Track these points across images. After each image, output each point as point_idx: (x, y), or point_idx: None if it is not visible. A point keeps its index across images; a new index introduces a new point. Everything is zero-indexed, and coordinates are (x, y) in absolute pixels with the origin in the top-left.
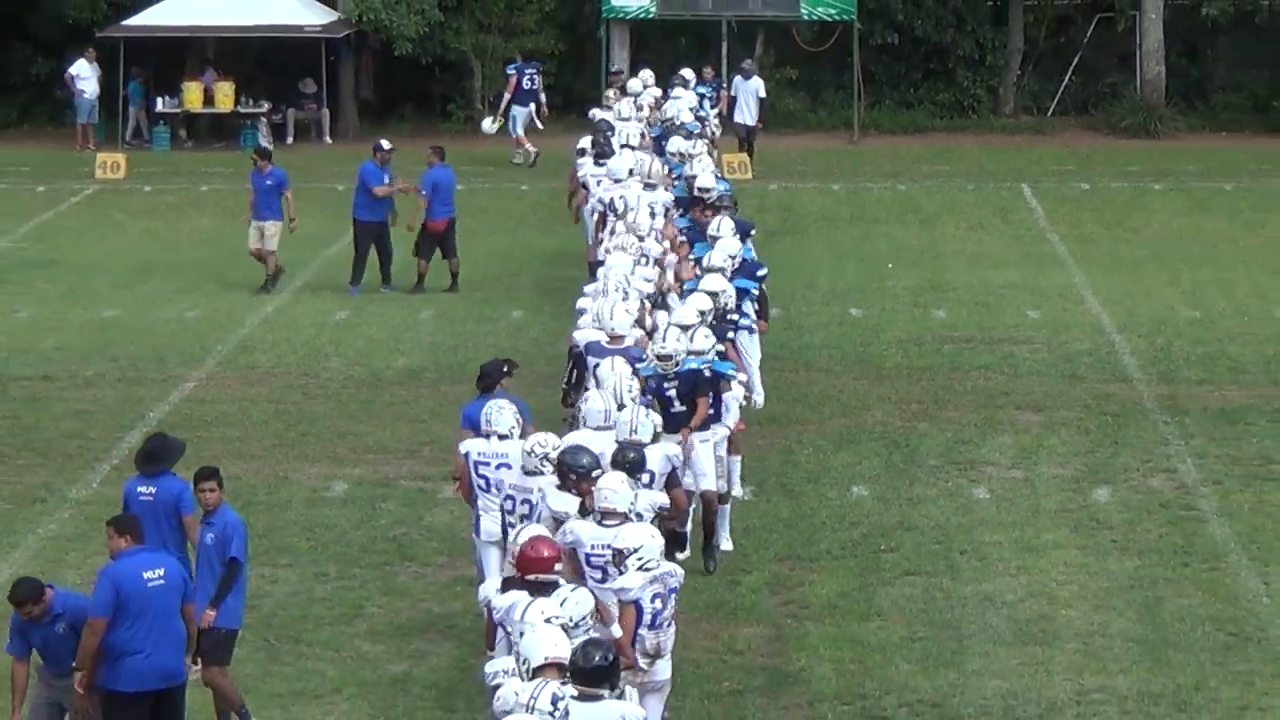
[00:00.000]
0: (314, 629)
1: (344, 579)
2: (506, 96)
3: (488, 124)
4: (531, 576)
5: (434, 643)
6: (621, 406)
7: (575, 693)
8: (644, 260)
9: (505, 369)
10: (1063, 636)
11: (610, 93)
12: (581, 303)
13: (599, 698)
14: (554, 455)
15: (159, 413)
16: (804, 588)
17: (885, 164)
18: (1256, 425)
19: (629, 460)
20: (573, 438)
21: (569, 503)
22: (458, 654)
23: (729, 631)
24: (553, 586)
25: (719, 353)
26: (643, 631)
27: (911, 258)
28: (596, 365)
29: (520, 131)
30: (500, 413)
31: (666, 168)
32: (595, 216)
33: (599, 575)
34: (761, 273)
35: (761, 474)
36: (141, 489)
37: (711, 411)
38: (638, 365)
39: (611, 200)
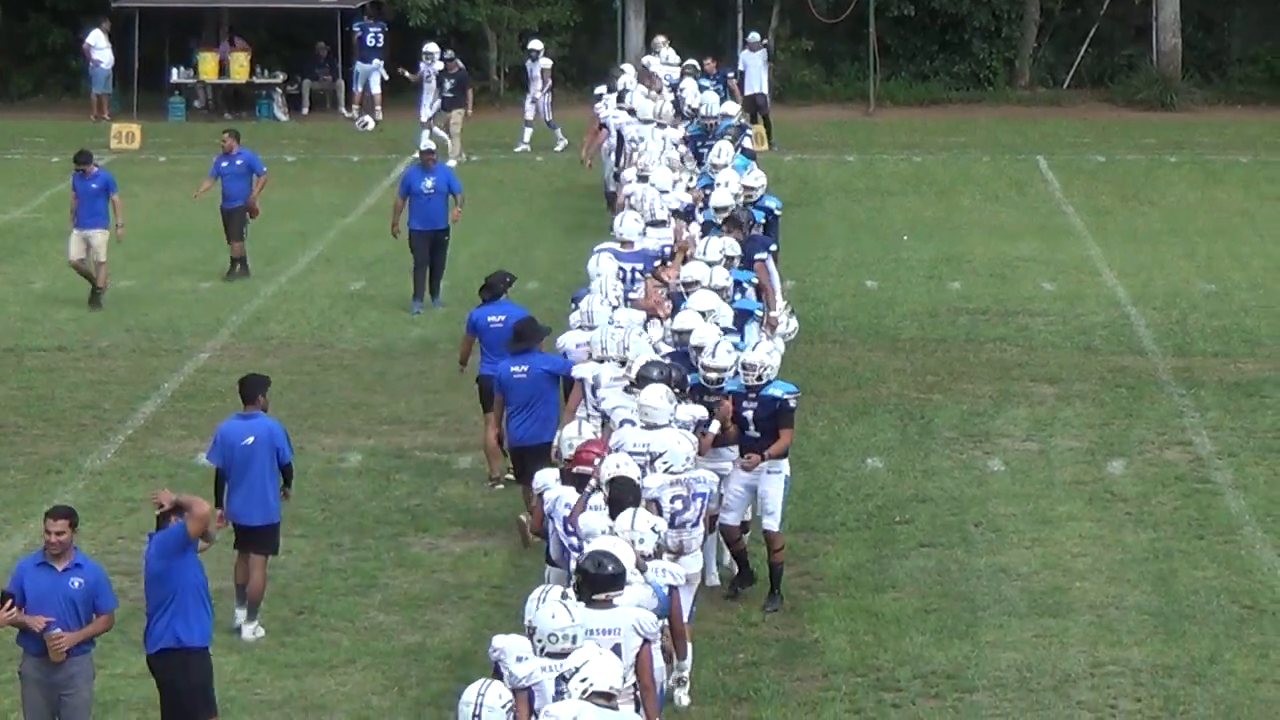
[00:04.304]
0: (328, 600)
1: (358, 550)
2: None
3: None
4: (576, 470)
5: (448, 614)
6: (613, 306)
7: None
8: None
9: (509, 280)
10: (1077, 609)
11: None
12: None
13: (610, 604)
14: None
15: (173, 383)
16: (818, 559)
17: (901, 136)
18: (1272, 398)
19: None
20: (569, 336)
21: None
22: (471, 625)
23: (744, 603)
24: (586, 478)
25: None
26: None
27: (927, 230)
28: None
29: (374, 90)
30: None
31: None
32: (613, 153)
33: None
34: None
35: None
36: (515, 368)
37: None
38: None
39: (632, 136)
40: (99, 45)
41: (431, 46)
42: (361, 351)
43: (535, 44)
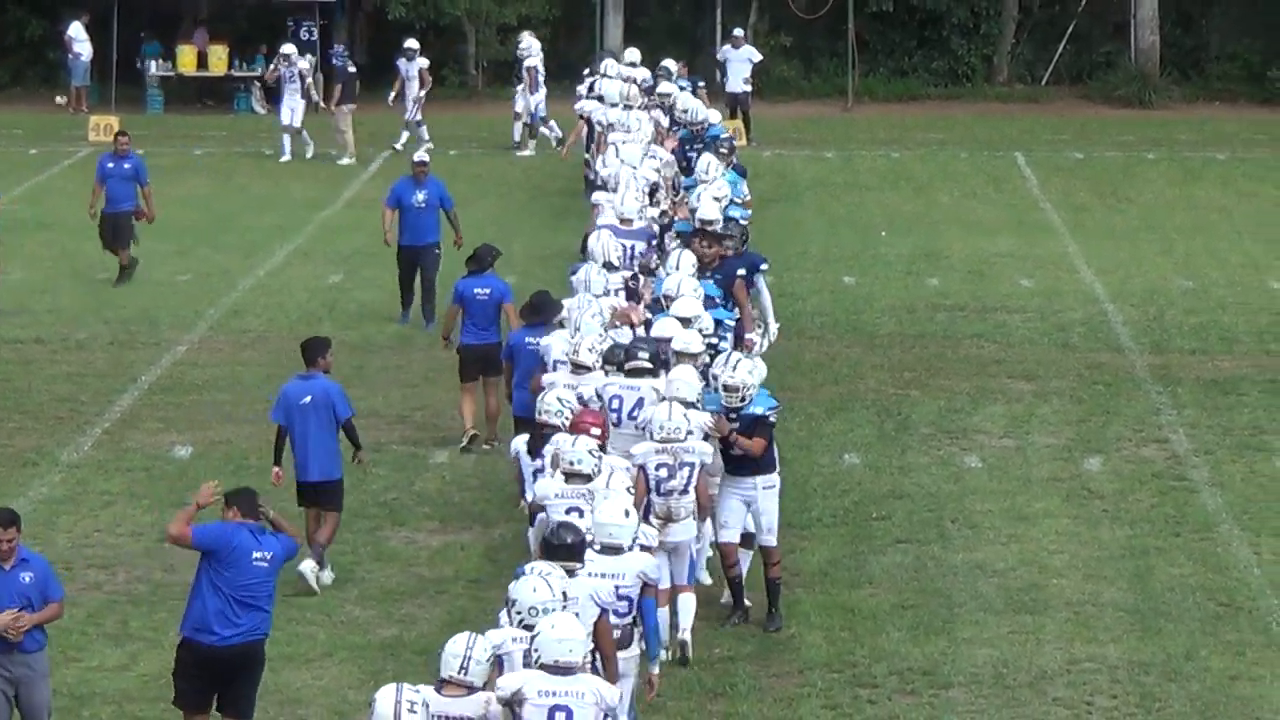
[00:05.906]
0: (305, 593)
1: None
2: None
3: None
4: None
5: (424, 607)
6: (614, 268)
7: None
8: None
9: (495, 253)
10: (1053, 605)
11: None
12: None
13: (572, 572)
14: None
15: (151, 376)
16: (795, 555)
17: (879, 132)
18: (1249, 395)
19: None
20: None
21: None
22: (448, 619)
23: (720, 598)
24: (548, 437)
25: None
26: (652, 497)
27: (905, 226)
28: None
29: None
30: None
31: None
32: (595, 139)
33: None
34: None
35: None
36: (529, 339)
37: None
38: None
39: (612, 123)
40: (79, 37)
41: (288, 47)
42: (339, 345)
43: (411, 43)
